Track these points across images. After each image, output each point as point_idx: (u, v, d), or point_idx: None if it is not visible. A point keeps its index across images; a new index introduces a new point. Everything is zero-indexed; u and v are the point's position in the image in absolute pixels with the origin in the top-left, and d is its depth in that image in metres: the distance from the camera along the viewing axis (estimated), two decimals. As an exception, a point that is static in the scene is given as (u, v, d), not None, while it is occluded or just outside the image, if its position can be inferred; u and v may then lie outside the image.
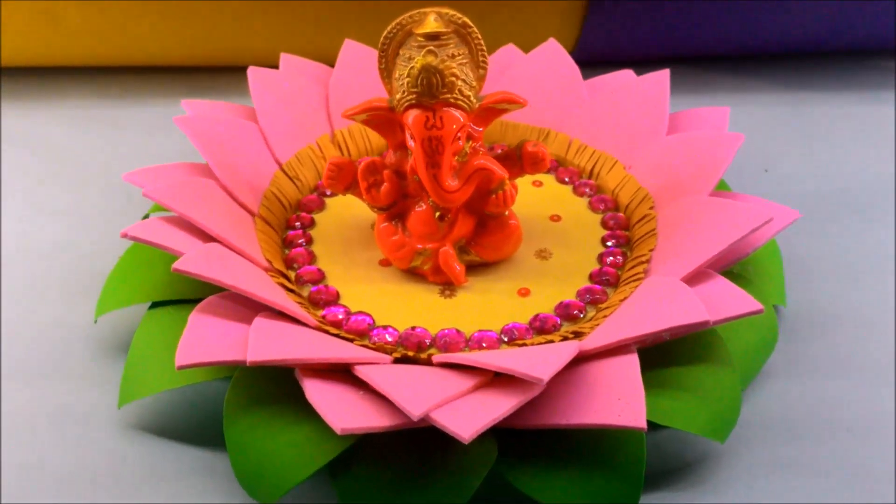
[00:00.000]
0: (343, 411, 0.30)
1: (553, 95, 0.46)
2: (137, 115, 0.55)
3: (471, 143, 0.38)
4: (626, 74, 0.47)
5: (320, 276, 0.39)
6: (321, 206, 0.43)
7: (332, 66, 0.48)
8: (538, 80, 0.47)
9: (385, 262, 0.39)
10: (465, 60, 0.36)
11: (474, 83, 0.36)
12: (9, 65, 0.56)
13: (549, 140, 0.46)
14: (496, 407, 0.30)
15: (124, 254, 0.40)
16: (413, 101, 0.35)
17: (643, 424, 0.30)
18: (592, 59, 0.56)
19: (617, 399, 0.31)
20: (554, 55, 0.47)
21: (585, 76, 0.48)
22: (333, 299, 0.37)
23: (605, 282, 0.38)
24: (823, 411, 0.36)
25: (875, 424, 0.36)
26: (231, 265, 0.35)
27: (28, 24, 0.53)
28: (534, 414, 0.31)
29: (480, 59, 0.38)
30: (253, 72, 0.45)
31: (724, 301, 0.33)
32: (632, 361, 0.32)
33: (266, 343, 0.32)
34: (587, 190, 0.44)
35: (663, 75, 0.44)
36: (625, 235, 0.41)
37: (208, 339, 0.33)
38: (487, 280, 0.39)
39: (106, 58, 0.56)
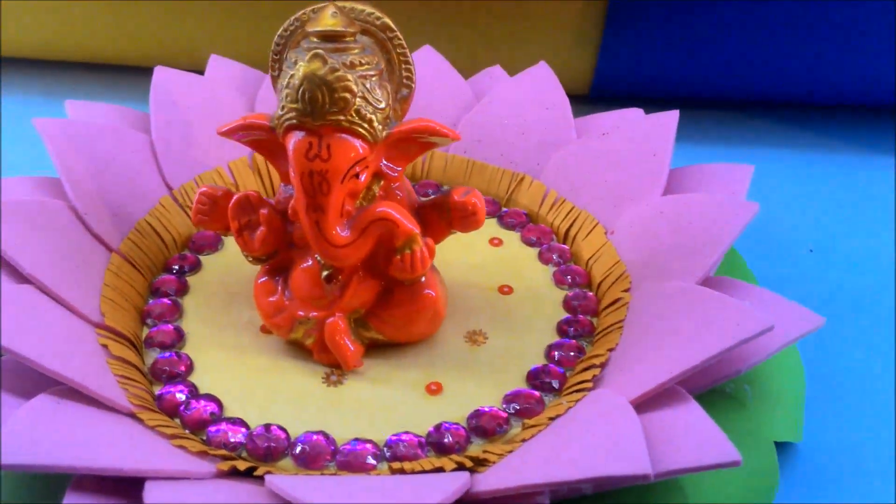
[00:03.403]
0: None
1: (533, 132, 0.37)
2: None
3: (382, 183, 0.28)
4: (630, 114, 0.37)
5: (176, 339, 0.30)
6: (216, 246, 0.34)
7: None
8: (517, 111, 0.37)
9: (267, 329, 0.30)
10: (372, 73, 0.27)
11: (383, 104, 0.27)
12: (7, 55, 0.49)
13: (521, 188, 0.36)
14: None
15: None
16: (294, 122, 0.26)
17: None
18: (615, 95, 0.46)
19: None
20: (541, 82, 0.38)
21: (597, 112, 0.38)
22: (183, 373, 0.28)
23: (546, 386, 0.28)
24: None
25: None
26: (31, 318, 0.26)
27: (26, 16, 0.46)
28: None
29: (404, 74, 0.28)
30: (160, 73, 0.36)
31: (686, 441, 0.23)
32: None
33: (26, 437, 0.23)
34: (555, 257, 0.34)
35: (669, 118, 0.34)
36: (589, 324, 0.30)
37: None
38: (390, 366, 0.29)
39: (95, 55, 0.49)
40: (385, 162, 0.28)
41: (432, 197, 0.30)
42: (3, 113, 0.47)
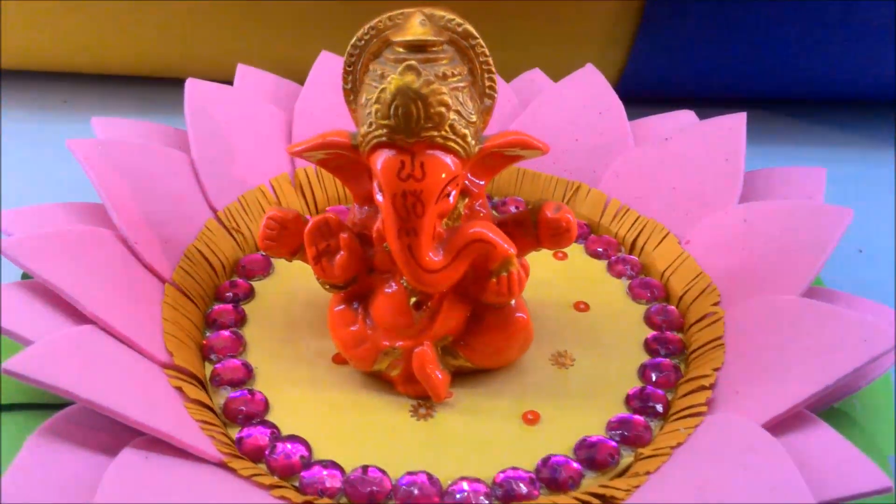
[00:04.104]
0: None
1: (587, 139, 0.35)
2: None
3: (466, 201, 0.27)
4: (685, 116, 0.36)
5: (245, 376, 0.27)
6: (267, 270, 0.32)
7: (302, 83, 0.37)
8: (568, 117, 0.36)
9: (341, 359, 0.28)
10: (462, 84, 0.25)
11: (475, 118, 0.25)
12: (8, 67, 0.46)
13: (578, 198, 0.35)
14: None
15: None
16: (383, 139, 0.24)
17: None
18: (640, 96, 0.45)
19: None
20: (591, 86, 0.36)
21: (631, 115, 0.36)
22: (259, 413, 0.26)
23: (649, 411, 0.27)
24: None
25: None
26: (102, 363, 0.24)
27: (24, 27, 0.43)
28: None
29: (486, 84, 0.27)
30: (192, 86, 0.34)
31: (831, 469, 0.22)
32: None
33: (125, 500, 0.21)
34: (627, 269, 0.32)
35: (737, 120, 0.33)
36: (679, 341, 0.29)
37: (44, 480, 0.21)
38: (480, 395, 0.27)
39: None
40: (470, 177, 0.27)
41: (513, 213, 0.28)
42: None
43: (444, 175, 0.24)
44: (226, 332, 0.29)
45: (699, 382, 0.26)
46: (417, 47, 0.25)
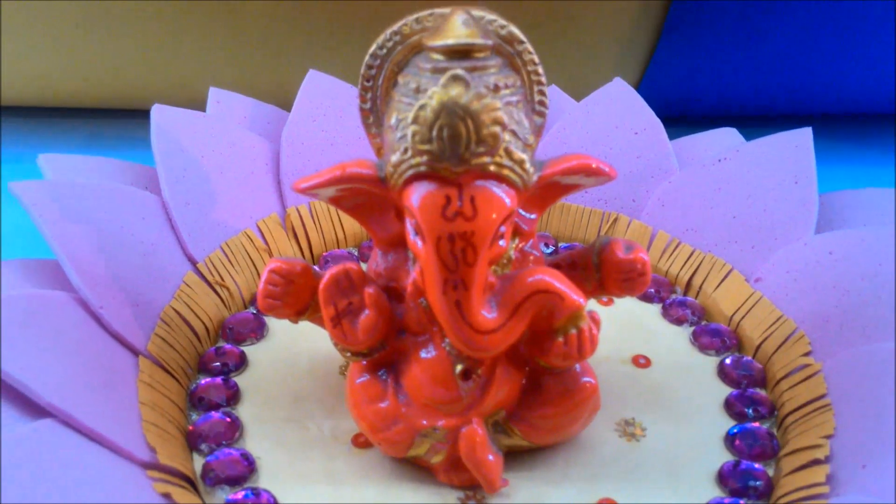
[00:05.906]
0: None
1: (623, 163, 0.31)
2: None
3: (516, 242, 0.22)
4: (728, 134, 0.32)
5: (246, 471, 0.22)
6: (260, 332, 0.26)
7: (289, 108, 0.32)
8: (599, 139, 0.31)
9: (364, 442, 0.23)
10: (516, 98, 0.20)
11: (531, 139, 0.20)
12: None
13: (617, 231, 0.30)
14: None
15: None
16: (423, 169, 0.19)
17: None
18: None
19: None
20: (622, 103, 0.32)
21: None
22: (267, 518, 0.21)
23: (750, 491, 0.22)
24: None
25: None
26: (66, 470, 0.18)
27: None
28: None
29: (536, 98, 0.22)
30: (160, 113, 0.29)
31: None
32: None
33: None
34: (688, 313, 0.27)
35: (803, 137, 0.29)
36: (767, 400, 0.24)
37: None
38: (541, 481, 0.22)
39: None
40: (522, 213, 0.22)
41: (566, 253, 0.23)
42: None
43: (499, 212, 0.19)
44: (216, 414, 0.23)
45: (810, 455, 0.21)
46: (461, 53, 0.20)
